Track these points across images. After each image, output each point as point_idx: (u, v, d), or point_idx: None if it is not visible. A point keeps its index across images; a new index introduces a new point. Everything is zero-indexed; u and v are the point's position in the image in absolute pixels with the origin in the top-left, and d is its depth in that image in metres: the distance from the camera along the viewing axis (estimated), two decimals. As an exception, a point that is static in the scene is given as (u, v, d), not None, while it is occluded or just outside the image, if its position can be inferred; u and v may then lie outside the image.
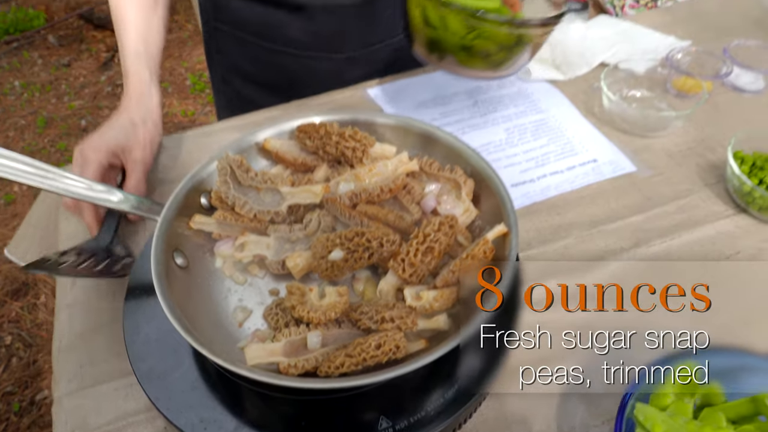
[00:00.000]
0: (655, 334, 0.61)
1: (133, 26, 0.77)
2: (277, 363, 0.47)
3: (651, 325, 0.62)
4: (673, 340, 0.60)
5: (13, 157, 0.55)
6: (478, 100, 0.93)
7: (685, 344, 0.60)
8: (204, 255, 0.58)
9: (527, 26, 0.71)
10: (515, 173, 0.80)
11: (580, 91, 0.95)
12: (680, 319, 0.64)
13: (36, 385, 1.64)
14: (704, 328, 0.63)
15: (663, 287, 0.62)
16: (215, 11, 0.98)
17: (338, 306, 0.50)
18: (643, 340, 0.61)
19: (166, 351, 0.52)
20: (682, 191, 0.78)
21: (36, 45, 3.23)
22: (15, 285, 1.92)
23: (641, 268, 0.69)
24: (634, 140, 0.86)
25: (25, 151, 2.51)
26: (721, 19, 1.13)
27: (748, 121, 0.90)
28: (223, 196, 0.57)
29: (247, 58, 1.00)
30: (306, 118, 0.64)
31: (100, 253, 0.62)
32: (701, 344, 0.60)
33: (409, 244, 0.53)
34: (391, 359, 0.47)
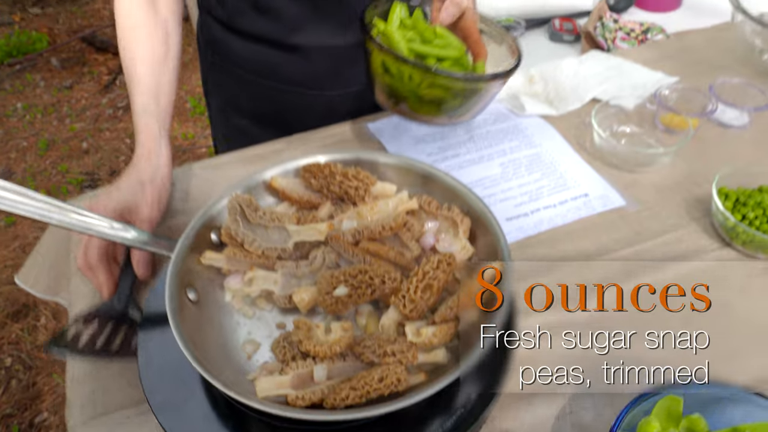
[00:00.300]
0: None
1: (144, 83, 0.79)
2: (285, 395, 0.50)
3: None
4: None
5: (32, 196, 0.58)
6: (474, 134, 0.97)
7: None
8: (214, 289, 0.61)
9: (480, 81, 0.75)
10: (510, 207, 0.84)
11: (572, 126, 0.99)
12: (665, 349, 0.67)
13: (35, 408, 1.65)
14: (690, 361, 0.66)
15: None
16: (213, 48, 1.02)
17: (343, 341, 0.53)
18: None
19: (178, 382, 0.55)
20: (669, 225, 0.82)
21: (38, 67, 3.28)
22: (15, 306, 1.93)
23: (629, 302, 0.72)
24: (623, 175, 0.90)
25: (26, 173, 2.54)
26: (707, 55, 1.18)
27: (733, 156, 0.94)
28: (233, 233, 0.60)
29: (244, 92, 1.03)
30: (311, 157, 0.67)
31: (117, 317, 0.65)
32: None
33: (409, 281, 0.56)
34: (393, 392, 0.50)
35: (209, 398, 0.55)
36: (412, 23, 0.76)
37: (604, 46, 1.62)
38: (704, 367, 0.63)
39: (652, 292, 0.65)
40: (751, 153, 0.94)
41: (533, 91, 1.08)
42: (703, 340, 0.63)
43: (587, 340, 0.63)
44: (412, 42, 0.73)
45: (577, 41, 1.74)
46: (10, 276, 2.04)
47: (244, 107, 1.06)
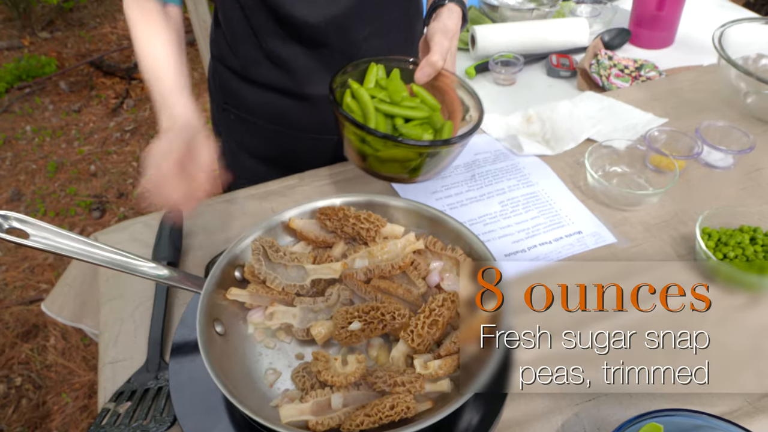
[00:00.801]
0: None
1: (172, 62, 0.81)
2: (306, 421, 0.56)
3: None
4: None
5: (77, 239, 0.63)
6: (475, 173, 1.03)
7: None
8: (238, 322, 0.66)
9: (439, 147, 0.76)
10: (508, 244, 0.90)
11: (568, 165, 1.06)
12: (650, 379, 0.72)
13: (45, 426, 1.69)
14: (672, 389, 0.71)
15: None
16: (225, 96, 1.08)
17: (357, 372, 0.58)
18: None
19: (207, 408, 0.60)
20: (656, 263, 0.88)
21: (47, 91, 3.36)
22: (25, 327, 1.98)
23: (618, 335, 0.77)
24: (614, 213, 0.96)
25: (35, 194, 2.60)
26: (695, 97, 1.25)
27: (718, 196, 1.00)
28: (256, 272, 0.66)
29: (254, 136, 1.10)
30: (327, 199, 0.74)
31: (150, 383, 0.70)
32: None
33: (417, 317, 0.62)
34: (402, 418, 0.56)
35: (233, 423, 0.60)
36: (387, 83, 0.81)
37: (599, 82, 1.70)
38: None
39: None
40: (735, 193, 1.01)
41: (531, 131, 1.14)
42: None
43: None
44: (381, 102, 0.79)
45: (574, 76, 1.81)
46: (20, 296, 2.09)
47: (254, 149, 1.12)
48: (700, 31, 1.86)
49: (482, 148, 1.09)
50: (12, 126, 3.06)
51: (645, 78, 1.70)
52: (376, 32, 0.96)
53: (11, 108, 3.20)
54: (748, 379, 0.72)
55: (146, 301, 0.81)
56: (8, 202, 2.56)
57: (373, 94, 0.79)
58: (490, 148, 1.09)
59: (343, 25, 0.93)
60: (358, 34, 0.95)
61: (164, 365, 0.71)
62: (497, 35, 1.76)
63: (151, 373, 0.71)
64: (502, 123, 1.14)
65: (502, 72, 1.66)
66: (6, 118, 3.12)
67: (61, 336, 1.95)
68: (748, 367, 0.73)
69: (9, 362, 1.87)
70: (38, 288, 2.13)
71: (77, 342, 1.93)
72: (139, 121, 3.11)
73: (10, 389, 1.80)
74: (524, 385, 0.61)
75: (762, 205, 0.97)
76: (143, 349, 0.75)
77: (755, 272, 0.80)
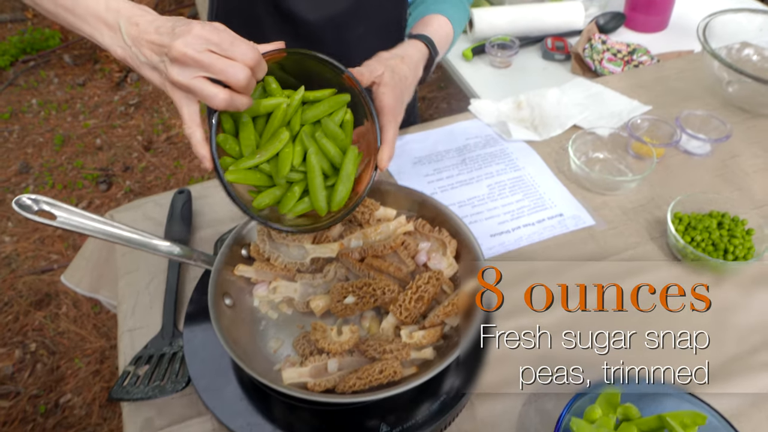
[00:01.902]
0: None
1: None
2: (305, 382, 0.63)
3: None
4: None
5: (91, 218, 0.70)
6: (466, 158, 1.09)
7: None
8: (245, 296, 0.74)
9: (315, 228, 0.71)
10: (494, 225, 0.97)
11: (553, 151, 1.12)
12: (618, 350, 0.80)
13: (60, 389, 1.79)
14: (637, 359, 0.78)
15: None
16: None
17: (351, 341, 0.66)
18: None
19: (217, 371, 0.68)
20: (631, 243, 0.95)
21: (52, 64, 3.39)
22: (38, 296, 2.07)
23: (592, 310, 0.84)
24: (594, 197, 1.03)
25: (43, 168, 2.66)
26: (679, 85, 1.31)
27: (693, 182, 1.06)
28: (261, 250, 0.73)
29: None
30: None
31: (165, 348, 0.77)
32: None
33: (405, 293, 0.69)
34: (390, 381, 0.63)
35: (241, 384, 0.68)
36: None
37: (592, 66, 1.75)
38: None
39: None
40: (710, 180, 1.07)
41: (520, 117, 1.20)
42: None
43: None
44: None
45: (568, 60, 1.86)
46: (31, 266, 2.17)
47: None
48: (694, 14, 1.90)
49: (473, 133, 1.15)
50: (18, 99, 3.10)
51: (637, 62, 1.75)
52: (371, 31, 1.01)
53: (16, 81, 3.25)
54: (706, 351, 0.79)
55: (160, 275, 0.88)
56: (17, 174, 2.62)
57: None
58: (481, 133, 1.15)
59: (339, 23, 0.97)
60: (353, 33, 1.00)
61: (177, 333, 0.79)
62: (495, 17, 1.80)
63: (166, 340, 0.78)
64: (493, 109, 1.20)
65: (498, 55, 1.71)
66: (12, 92, 3.17)
67: (72, 304, 2.03)
68: (711, 340, 0.80)
69: (23, 329, 1.96)
70: (49, 258, 2.21)
71: (88, 310, 2.01)
72: (144, 95, 3.15)
73: (26, 354, 1.89)
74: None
75: (733, 192, 1.04)
76: (158, 318, 0.82)
77: (719, 255, 0.87)
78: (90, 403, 1.75)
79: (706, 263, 0.87)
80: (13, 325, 1.98)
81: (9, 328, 1.97)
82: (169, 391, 0.71)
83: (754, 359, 0.78)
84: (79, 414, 1.72)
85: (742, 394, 0.75)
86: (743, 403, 0.74)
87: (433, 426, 0.64)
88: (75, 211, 0.68)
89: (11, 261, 2.20)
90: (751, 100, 1.21)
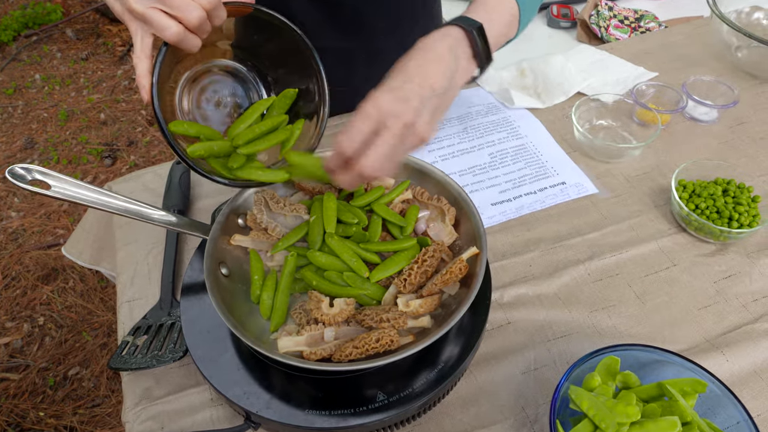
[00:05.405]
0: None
1: None
2: (301, 351, 0.63)
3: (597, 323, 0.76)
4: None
5: (86, 187, 0.69)
6: (468, 126, 1.08)
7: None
8: (242, 265, 0.73)
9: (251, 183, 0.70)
10: (495, 193, 0.96)
11: (556, 118, 1.10)
12: (619, 318, 0.79)
13: (68, 362, 1.81)
14: (639, 328, 0.78)
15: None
16: None
17: (344, 313, 0.65)
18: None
19: (214, 340, 0.68)
20: (634, 212, 0.93)
21: (54, 39, 3.37)
22: (45, 270, 2.08)
23: (593, 278, 0.84)
24: (598, 165, 1.01)
25: (48, 143, 2.66)
26: (687, 51, 1.28)
27: (699, 149, 1.05)
28: (258, 220, 0.72)
29: None
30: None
31: (163, 318, 0.77)
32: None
33: (410, 267, 0.68)
34: (387, 349, 0.63)
35: (238, 353, 0.68)
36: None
37: (598, 33, 1.71)
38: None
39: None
40: (716, 146, 1.05)
41: (524, 84, 1.18)
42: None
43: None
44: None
45: (573, 27, 1.82)
46: (38, 241, 2.19)
47: None
48: (703, -20, 1.85)
49: (475, 101, 1.13)
50: (21, 74, 3.09)
51: (644, 29, 1.71)
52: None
53: (19, 56, 3.23)
54: (708, 320, 0.78)
55: (158, 246, 0.88)
56: (22, 150, 2.62)
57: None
58: (483, 101, 1.13)
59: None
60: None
61: (176, 303, 0.79)
62: (499, -15, 1.76)
63: (164, 311, 0.78)
64: (496, 77, 1.18)
65: (502, 23, 1.67)
66: (15, 66, 3.15)
67: (79, 279, 2.05)
68: (709, 309, 0.80)
69: (32, 303, 1.98)
70: (55, 233, 2.22)
71: (95, 284, 2.03)
72: (147, 69, 3.12)
73: (34, 328, 1.91)
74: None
75: (740, 159, 1.02)
76: (156, 289, 0.82)
77: (724, 223, 0.86)
78: (98, 376, 1.77)
79: (709, 230, 0.86)
80: (21, 299, 2.00)
81: (17, 303, 1.99)
82: (167, 360, 0.71)
83: (756, 327, 0.77)
84: (88, 386, 1.74)
85: (744, 361, 0.74)
86: (745, 370, 0.73)
87: (430, 395, 0.64)
88: (69, 180, 0.67)
89: (18, 236, 2.21)
90: (760, 66, 1.18)
